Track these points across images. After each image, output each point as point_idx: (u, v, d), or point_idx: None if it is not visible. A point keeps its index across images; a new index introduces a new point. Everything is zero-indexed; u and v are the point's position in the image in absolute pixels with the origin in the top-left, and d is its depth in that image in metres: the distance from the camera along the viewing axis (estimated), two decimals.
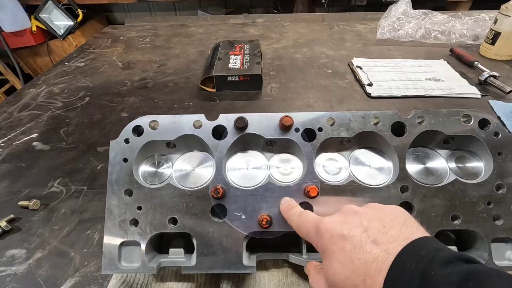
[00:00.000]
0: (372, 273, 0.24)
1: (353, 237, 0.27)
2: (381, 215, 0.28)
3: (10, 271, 0.44)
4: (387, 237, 0.26)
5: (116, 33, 1.27)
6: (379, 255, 0.25)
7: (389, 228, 0.26)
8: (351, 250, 0.26)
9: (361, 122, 0.40)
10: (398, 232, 0.26)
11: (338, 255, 0.27)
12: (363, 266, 0.25)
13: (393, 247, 0.25)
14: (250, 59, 0.87)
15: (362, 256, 0.25)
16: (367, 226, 0.27)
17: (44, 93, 0.86)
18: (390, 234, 0.26)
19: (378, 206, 0.30)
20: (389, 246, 0.25)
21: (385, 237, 0.26)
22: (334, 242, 0.28)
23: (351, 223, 0.28)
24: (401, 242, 0.25)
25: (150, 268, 0.37)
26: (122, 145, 0.40)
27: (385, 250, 0.25)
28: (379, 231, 0.26)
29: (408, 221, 0.28)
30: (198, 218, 0.38)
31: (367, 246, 0.26)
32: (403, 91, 0.79)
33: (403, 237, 0.25)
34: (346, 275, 0.26)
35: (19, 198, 0.54)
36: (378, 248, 0.25)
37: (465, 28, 1.06)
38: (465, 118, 0.39)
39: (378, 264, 0.24)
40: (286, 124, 0.39)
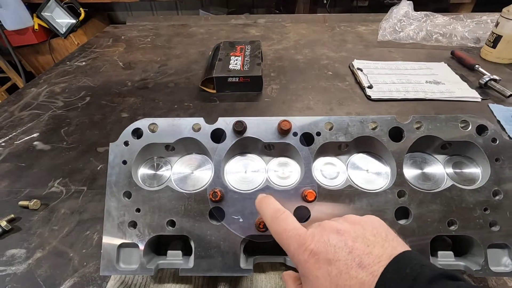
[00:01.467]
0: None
1: (339, 261, 0.26)
2: (363, 230, 0.28)
3: (9, 271, 0.44)
4: (372, 258, 0.25)
5: (117, 32, 1.27)
6: (365, 280, 0.25)
7: (373, 247, 0.26)
8: (337, 276, 0.26)
9: (359, 127, 0.40)
10: (382, 250, 0.26)
11: (324, 281, 0.26)
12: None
13: (377, 268, 0.25)
14: (250, 60, 0.87)
15: (348, 282, 0.25)
16: (351, 247, 0.27)
17: (45, 92, 0.87)
18: (374, 255, 0.26)
19: (357, 219, 0.30)
20: (374, 268, 0.25)
21: (370, 258, 0.26)
22: (319, 267, 0.27)
23: (335, 245, 0.27)
24: (386, 261, 0.25)
25: (148, 270, 0.38)
26: (122, 147, 0.41)
27: (371, 273, 0.25)
28: (363, 251, 0.26)
29: (389, 235, 0.28)
30: (196, 220, 0.39)
31: (352, 270, 0.25)
32: (403, 94, 0.79)
33: (386, 255, 0.25)
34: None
35: (20, 198, 0.55)
36: (364, 271, 0.25)
37: (466, 30, 1.06)
38: (463, 124, 0.39)
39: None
40: (284, 128, 0.39)
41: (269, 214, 0.33)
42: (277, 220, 0.32)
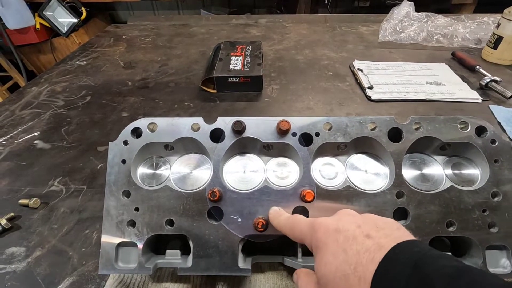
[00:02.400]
0: (364, 262, 0.25)
1: (347, 231, 0.28)
2: (375, 219, 0.29)
3: (9, 269, 0.44)
4: (380, 233, 0.27)
5: (118, 32, 1.28)
6: (371, 247, 0.25)
7: (381, 228, 0.27)
8: (344, 241, 0.27)
9: (358, 127, 0.40)
10: (390, 232, 0.27)
11: (331, 246, 0.27)
12: (355, 255, 0.26)
13: (385, 242, 0.25)
14: (251, 61, 0.87)
15: (354, 247, 0.26)
16: (361, 224, 0.28)
17: (46, 91, 0.87)
18: (382, 232, 0.27)
19: (373, 215, 0.31)
20: (382, 240, 0.26)
21: (378, 233, 0.27)
22: (329, 235, 0.28)
23: (346, 220, 0.29)
24: (394, 239, 0.26)
25: (146, 269, 0.38)
26: (121, 146, 0.41)
27: (377, 243, 0.26)
28: (372, 228, 0.27)
29: (401, 229, 0.29)
30: (195, 220, 0.39)
31: (360, 238, 0.27)
32: (404, 95, 0.79)
33: (395, 236, 0.26)
34: (338, 264, 0.26)
35: (20, 196, 0.55)
36: (371, 241, 0.26)
37: (467, 31, 1.06)
38: (462, 125, 0.39)
39: (370, 254, 0.25)
40: (283, 128, 0.39)
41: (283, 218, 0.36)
42: (290, 219, 0.35)
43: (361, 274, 0.25)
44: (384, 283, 0.23)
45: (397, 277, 0.23)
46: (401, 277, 0.23)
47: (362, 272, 0.25)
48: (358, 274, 0.25)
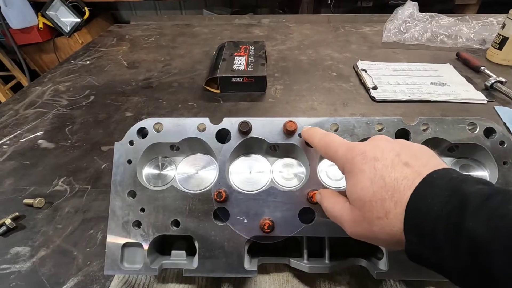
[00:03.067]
0: (402, 189, 0.25)
1: (386, 159, 0.27)
2: (410, 147, 0.29)
3: (14, 269, 0.44)
4: (419, 162, 0.26)
5: (121, 31, 1.28)
6: (410, 175, 0.25)
7: (420, 157, 0.27)
8: (382, 169, 0.27)
9: (365, 128, 0.39)
10: (428, 161, 0.27)
11: (369, 173, 0.27)
12: (393, 182, 0.26)
13: (424, 170, 0.25)
14: (254, 61, 0.87)
15: (393, 175, 0.26)
16: (399, 152, 0.28)
17: (50, 91, 0.87)
18: (421, 161, 0.26)
19: (406, 141, 0.31)
20: (420, 169, 0.26)
21: (417, 162, 0.26)
22: (366, 162, 0.28)
23: (384, 148, 0.28)
24: (432, 167, 0.26)
25: (152, 270, 0.38)
26: (127, 146, 0.41)
27: (416, 171, 0.25)
28: (410, 156, 0.27)
29: (436, 156, 0.28)
30: (201, 221, 0.38)
31: (398, 166, 0.26)
32: (408, 95, 0.78)
33: (433, 164, 0.26)
34: (375, 190, 0.26)
35: (24, 196, 0.55)
36: (410, 169, 0.26)
37: (472, 32, 1.05)
38: (471, 126, 0.39)
39: (408, 182, 0.25)
40: (290, 129, 0.39)
41: (318, 134, 0.35)
42: (327, 136, 0.34)
43: (398, 199, 0.25)
44: (420, 204, 0.24)
45: (434, 199, 0.23)
46: (438, 199, 0.23)
47: (399, 197, 0.25)
48: (395, 199, 0.25)
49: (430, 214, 0.23)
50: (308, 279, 0.41)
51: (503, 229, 0.20)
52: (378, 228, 0.26)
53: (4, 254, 0.46)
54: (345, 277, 0.41)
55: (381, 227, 0.26)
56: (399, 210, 0.25)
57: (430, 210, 0.23)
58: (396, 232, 0.25)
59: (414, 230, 0.24)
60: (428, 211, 0.23)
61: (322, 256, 0.39)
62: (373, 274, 0.37)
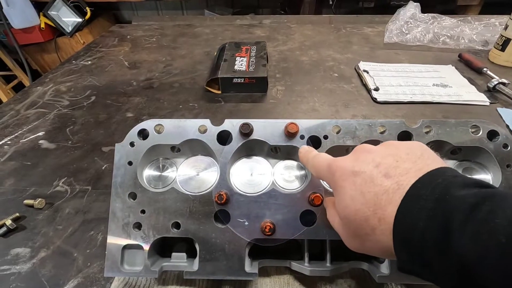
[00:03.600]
0: (383, 204, 0.24)
1: (364, 172, 0.26)
2: (396, 151, 0.27)
3: (14, 270, 0.44)
4: (399, 171, 0.25)
5: (123, 32, 1.28)
6: (389, 187, 0.24)
7: (402, 162, 0.26)
8: (361, 184, 0.26)
9: (367, 130, 0.39)
10: (412, 165, 0.25)
11: (349, 190, 0.27)
12: (373, 198, 0.25)
13: (404, 179, 0.24)
14: (256, 61, 0.87)
15: (372, 189, 0.25)
16: (379, 162, 0.26)
17: (51, 91, 0.87)
18: (402, 167, 0.25)
19: (394, 142, 0.29)
20: (401, 178, 0.24)
21: (397, 170, 0.25)
22: (345, 179, 0.28)
23: (363, 161, 0.27)
24: (415, 173, 0.24)
25: (152, 272, 0.37)
26: (127, 148, 0.40)
27: (396, 183, 0.24)
28: (390, 165, 0.26)
29: (425, 154, 0.26)
30: (201, 223, 0.38)
31: (378, 180, 0.25)
32: (410, 97, 0.78)
33: (416, 168, 0.25)
34: (357, 208, 0.26)
35: (25, 197, 0.55)
36: (389, 181, 0.25)
37: (474, 33, 1.05)
38: (474, 129, 0.38)
39: (389, 196, 0.24)
40: (291, 131, 0.38)
41: (310, 157, 0.35)
42: (315, 157, 0.34)
43: (380, 215, 0.24)
44: (406, 220, 0.23)
45: (419, 213, 0.22)
46: (422, 213, 0.22)
47: (381, 214, 0.24)
48: (378, 216, 0.25)
49: (417, 230, 0.22)
50: (309, 282, 0.41)
51: (492, 248, 0.19)
52: (370, 243, 0.26)
53: (5, 255, 0.46)
54: (346, 280, 0.41)
55: (373, 243, 0.26)
56: (384, 226, 0.24)
57: (416, 226, 0.22)
58: (388, 247, 0.25)
59: (403, 246, 0.24)
60: (414, 227, 0.22)
61: (324, 259, 0.39)
62: (375, 277, 0.37)
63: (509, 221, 0.19)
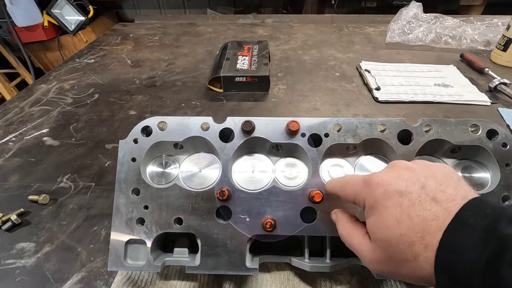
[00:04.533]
0: (432, 230, 0.23)
1: (411, 193, 0.25)
2: (434, 172, 0.27)
3: (19, 264, 0.45)
4: (446, 196, 0.25)
5: (126, 30, 1.28)
6: (439, 213, 0.24)
7: (446, 187, 0.25)
8: (409, 207, 0.25)
9: (368, 129, 0.40)
10: (455, 191, 0.25)
11: (394, 211, 0.25)
12: (422, 223, 0.24)
13: (452, 205, 0.24)
14: (258, 60, 0.87)
15: (421, 214, 0.24)
16: (424, 183, 0.26)
17: (54, 89, 0.88)
18: (448, 193, 0.25)
19: (427, 163, 0.29)
20: (449, 204, 0.24)
21: (444, 195, 0.25)
22: (389, 197, 0.26)
23: (408, 179, 0.26)
24: (460, 200, 0.24)
25: (155, 267, 0.38)
26: (131, 145, 0.41)
27: (445, 208, 0.24)
28: (436, 188, 0.25)
29: (461, 181, 0.27)
30: (203, 219, 0.39)
31: (426, 203, 0.24)
32: (411, 96, 0.78)
33: (461, 195, 0.24)
34: (402, 232, 0.25)
35: (29, 192, 0.56)
36: (438, 206, 0.24)
37: (476, 33, 1.05)
38: (473, 128, 0.39)
39: (439, 222, 0.23)
40: (292, 129, 0.39)
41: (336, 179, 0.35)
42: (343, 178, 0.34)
43: (428, 242, 0.23)
44: (453, 246, 0.22)
45: (468, 242, 0.22)
46: (472, 242, 0.21)
47: (430, 240, 0.23)
48: (425, 242, 0.24)
49: (464, 258, 0.21)
50: (309, 278, 0.41)
51: None
52: (406, 270, 0.25)
53: (10, 249, 0.47)
54: (346, 276, 0.41)
55: (410, 269, 0.25)
56: (429, 254, 0.23)
57: (464, 255, 0.21)
58: (426, 275, 0.24)
59: (446, 273, 0.23)
60: (461, 255, 0.22)
61: (323, 256, 0.39)
62: (374, 274, 0.37)
63: None
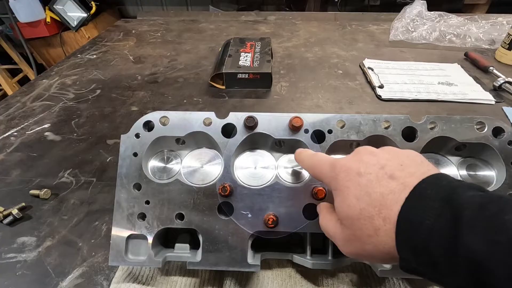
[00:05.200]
0: (388, 204, 0.25)
1: (370, 174, 0.27)
2: (397, 155, 0.28)
3: (20, 258, 0.45)
4: (405, 173, 0.26)
5: (128, 26, 1.28)
6: (396, 188, 0.25)
7: (406, 166, 0.26)
8: (367, 185, 0.26)
9: (372, 125, 0.39)
10: (415, 169, 0.26)
11: (354, 190, 0.27)
12: (379, 198, 0.25)
13: (410, 181, 0.25)
14: (260, 57, 0.87)
15: (378, 190, 0.25)
16: (384, 164, 0.27)
17: (56, 84, 0.88)
18: (407, 171, 0.26)
19: (394, 148, 0.30)
20: (407, 180, 0.25)
21: (402, 173, 0.26)
22: (350, 179, 0.27)
23: (368, 162, 0.28)
24: (419, 176, 0.25)
25: (156, 262, 0.38)
26: (133, 139, 0.41)
27: (402, 183, 0.25)
28: (396, 168, 0.26)
29: (425, 162, 0.27)
30: (205, 215, 0.39)
31: (384, 181, 0.26)
32: (415, 95, 0.78)
33: (420, 172, 0.25)
34: (362, 207, 0.26)
35: (31, 187, 0.56)
36: (395, 182, 0.25)
37: (481, 32, 1.04)
38: (479, 126, 0.38)
39: (395, 195, 0.25)
40: (296, 125, 0.38)
41: (307, 156, 0.35)
42: (314, 156, 0.34)
43: (386, 215, 0.24)
44: (411, 219, 0.23)
45: (425, 212, 0.22)
46: (429, 212, 0.22)
47: (387, 213, 0.24)
48: (383, 215, 0.25)
49: (423, 228, 0.22)
50: (310, 275, 0.41)
51: (502, 244, 0.19)
52: (370, 247, 0.26)
53: (11, 244, 0.47)
54: (348, 274, 0.41)
55: (374, 245, 0.26)
56: (388, 226, 0.24)
57: (422, 225, 0.22)
58: (389, 249, 0.25)
59: (407, 246, 0.23)
60: (420, 226, 0.22)
61: (326, 253, 0.39)
62: (377, 271, 0.37)
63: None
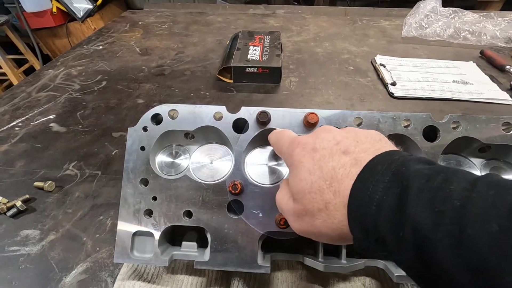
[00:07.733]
0: (339, 177, 0.24)
1: (324, 149, 0.27)
2: (355, 133, 0.28)
3: (23, 251, 0.44)
4: (358, 149, 0.26)
5: (134, 18, 1.26)
6: (347, 162, 0.25)
7: (362, 143, 0.26)
8: (320, 159, 0.26)
9: (391, 123, 0.37)
10: (370, 146, 0.26)
11: (307, 164, 0.27)
12: (330, 171, 0.25)
13: (362, 156, 0.25)
14: (269, 51, 0.84)
15: (331, 164, 0.25)
16: (339, 140, 0.27)
17: (62, 75, 0.86)
18: (362, 147, 0.26)
19: (354, 128, 0.30)
20: (360, 155, 0.25)
21: (356, 149, 0.26)
22: (304, 154, 0.28)
23: (324, 138, 0.28)
24: (373, 152, 0.25)
25: (162, 260, 0.37)
26: (140, 133, 0.39)
27: (354, 159, 0.25)
28: (350, 144, 0.26)
29: (383, 139, 0.27)
30: (214, 213, 0.37)
31: (336, 155, 0.26)
32: (429, 93, 0.75)
33: (375, 148, 0.25)
34: (313, 180, 0.26)
35: (35, 179, 0.54)
36: (348, 157, 0.25)
37: (497, 29, 1.01)
38: (505, 126, 0.36)
39: (346, 169, 0.24)
40: (311, 121, 0.37)
41: (274, 132, 0.35)
42: (279, 133, 0.34)
43: (336, 188, 0.24)
44: (361, 194, 0.23)
45: (375, 187, 0.22)
46: (378, 186, 0.22)
47: (337, 187, 0.24)
48: (333, 189, 0.24)
49: (372, 203, 0.22)
50: (321, 278, 0.40)
51: (445, 214, 0.18)
52: (320, 222, 0.25)
53: (14, 236, 0.46)
54: (360, 278, 0.40)
55: (323, 220, 0.25)
56: (338, 200, 0.24)
57: (372, 199, 0.22)
58: (338, 225, 0.24)
59: (357, 222, 0.23)
60: (370, 200, 0.22)
61: (339, 255, 0.37)
62: (393, 277, 0.35)
63: (463, 188, 0.19)
